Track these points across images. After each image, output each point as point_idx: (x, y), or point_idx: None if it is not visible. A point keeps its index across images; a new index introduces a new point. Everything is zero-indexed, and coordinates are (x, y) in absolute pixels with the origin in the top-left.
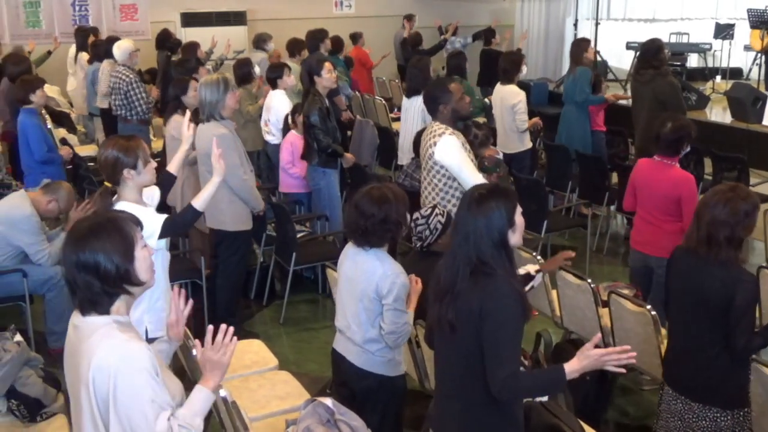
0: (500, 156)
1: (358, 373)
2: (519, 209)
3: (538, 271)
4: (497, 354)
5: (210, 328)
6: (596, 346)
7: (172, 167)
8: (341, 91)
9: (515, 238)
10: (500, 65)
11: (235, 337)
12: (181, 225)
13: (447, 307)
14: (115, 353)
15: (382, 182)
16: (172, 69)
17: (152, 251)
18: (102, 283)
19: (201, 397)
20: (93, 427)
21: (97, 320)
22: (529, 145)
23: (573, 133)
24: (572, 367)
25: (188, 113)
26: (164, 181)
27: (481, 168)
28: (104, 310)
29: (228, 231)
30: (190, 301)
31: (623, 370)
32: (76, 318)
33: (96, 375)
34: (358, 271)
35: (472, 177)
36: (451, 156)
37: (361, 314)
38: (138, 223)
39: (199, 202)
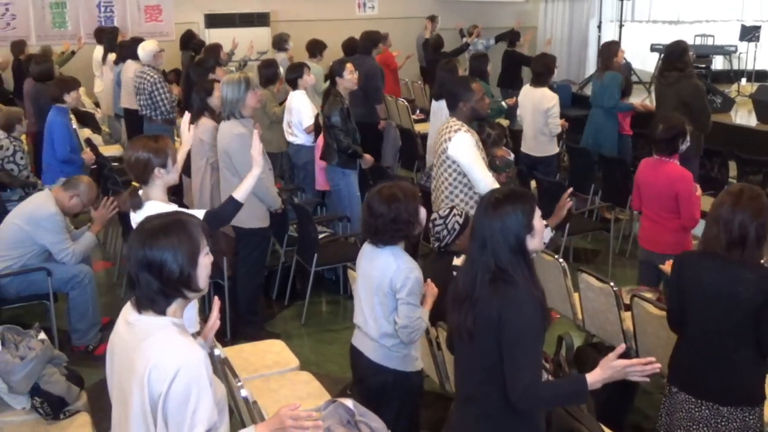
0: (511, 157)
1: (373, 368)
2: (538, 213)
3: (546, 226)
4: (517, 362)
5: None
6: (620, 357)
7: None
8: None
9: (534, 242)
10: (533, 68)
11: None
12: (222, 217)
13: (466, 314)
14: (176, 357)
15: (397, 181)
16: (191, 69)
17: (212, 260)
18: (162, 283)
19: None
20: (144, 424)
21: (155, 320)
22: (557, 149)
23: (601, 137)
24: (594, 378)
25: (187, 115)
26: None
27: (492, 167)
28: (161, 311)
29: (245, 228)
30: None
31: (647, 380)
32: (130, 315)
33: (153, 374)
34: (374, 267)
35: (482, 175)
36: (464, 152)
37: (377, 309)
38: (205, 230)
39: (239, 194)
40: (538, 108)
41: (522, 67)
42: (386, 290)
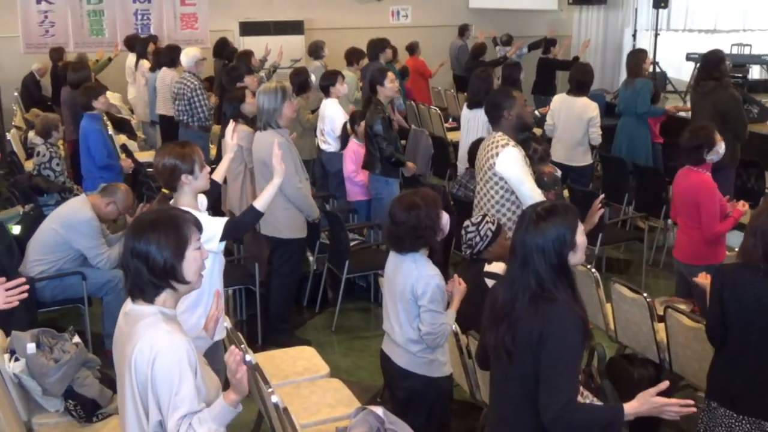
0: (558, 174)
1: (401, 373)
2: (581, 228)
3: None
4: (553, 382)
5: (231, 348)
6: (660, 394)
7: (217, 175)
8: (394, 102)
9: (576, 257)
10: (573, 77)
11: (243, 367)
12: (242, 226)
13: (504, 333)
14: (156, 342)
15: (419, 188)
16: (223, 77)
17: (206, 255)
18: (149, 273)
19: (219, 407)
20: (134, 407)
21: (144, 309)
22: (591, 159)
23: (635, 145)
24: (631, 410)
25: (232, 123)
26: (210, 188)
27: (540, 184)
28: (150, 299)
29: (283, 238)
30: (222, 306)
31: (677, 417)
32: (127, 305)
33: (138, 359)
34: (398, 274)
35: (531, 191)
36: (513, 168)
37: (402, 315)
38: (198, 226)
39: (260, 203)
40: (580, 118)
41: (556, 74)
42: (408, 297)
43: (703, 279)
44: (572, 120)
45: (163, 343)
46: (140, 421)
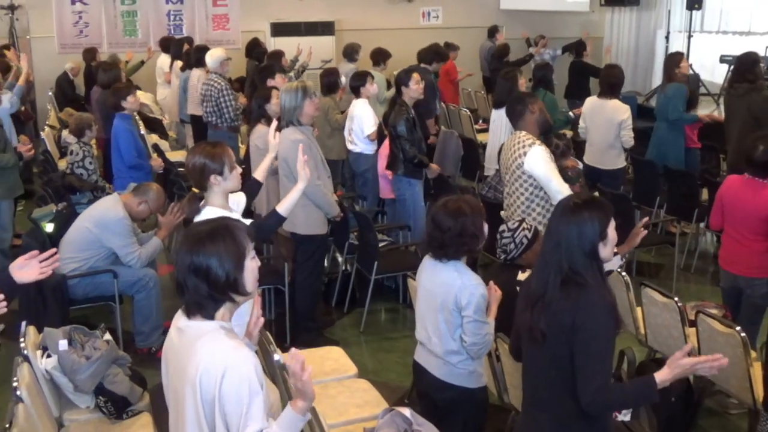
0: (580, 166)
1: (439, 385)
2: (613, 223)
3: (615, 254)
4: (588, 367)
5: (292, 351)
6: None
7: (258, 174)
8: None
9: (606, 251)
10: (603, 79)
11: (309, 367)
12: (266, 229)
13: (539, 315)
14: (223, 358)
15: (462, 194)
16: (255, 76)
17: (259, 263)
18: (210, 288)
19: (288, 417)
20: (197, 426)
21: (203, 325)
22: (624, 163)
23: (667, 150)
24: (663, 377)
25: (274, 122)
26: (251, 188)
27: (565, 178)
28: (209, 315)
29: (301, 234)
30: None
31: (715, 372)
32: (180, 321)
33: (203, 377)
34: (437, 283)
35: (560, 187)
36: (541, 166)
37: (442, 326)
38: (250, 235)
39: (283, 208)
40: (611, 120)
41: (590, 77)
42: (451, 307)
43: None
44: (603, 123)
45: (230, 359)
46: None
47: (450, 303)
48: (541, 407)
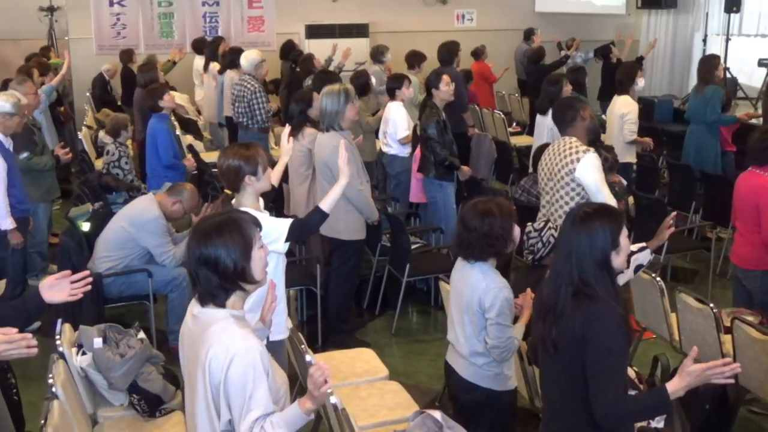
0: (625, 183)
1: (465, 386)
2: (625, 231)
3: (643, 248)
4: (600, 380)
5: (320, 364)
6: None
7: (273, 178)
8: None
9: (619, 260)
10: (616, 76)
11: (329, 381)
12: (308, 227)
13: (550, 326)
14: (231, 345)
15: (494, 196)
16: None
17: (268, 252)
18: (220, 278)
19: (293, 413)
20: (206, 410)
21: (215, 313)
22: (632, 159)
23: (703, 154)
24: (675, 386)
25: (287, 127)
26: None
27: (612, 194)
28: (220, 303)
29: (342, 240)
30: (275, 295)
31: (731, 381)
32: (195, 308)
33: (212, 362)
34: (464, 284)
35: (608, 200)
36: (593, 175)
37: (467, 327)
38: (258, 225)
39: (325, 205)
40: (616, 114)
41: None
42: (475, 309)
43: None
44: (613, 118)
45: (238, 347)
46: (212, 422)
47: (474, 304)
48: (556, 417)
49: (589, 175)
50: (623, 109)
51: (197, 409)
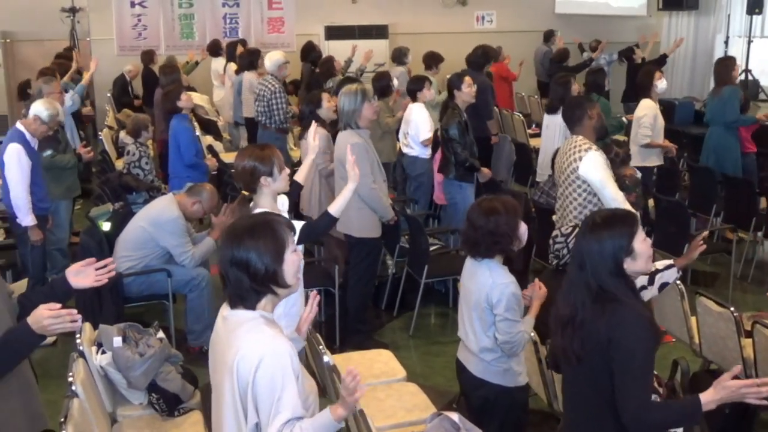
0: (638, 176)
1: (475, 382)
2: (640, 236)
3: (670, 266)
4: (628, 384)
5: (351, 370)
6: (735, 378)
7: (299, 176)
8: None
9: (637, 265)
10: (636, 80)
11: (364, 387)
12: (317, 230)
13: (570, 338)
14: (260, 346)
15: (499, 195)
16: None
17: (301, 256)
18: (251, 280)
19: (324, 420)
20: (233, 411)
21: (245, 314)
22: (655, 162)
23: (723, 156)
24: (708, 398)
25: (314, 124)
26: (291, 189)
27: (621, 187)
28: (251, 306)
29: (354, 237)
30: (315, 309)
31: (766, 402)
32: (225, 310)
33: (240, 364)
34: (473, 281)
35: (614, 194)
36: (596, 172)
37: (476, 323)
38: (291, 228)
39: (334, 209)
40: (635, 117)
41: None
42: (483, 305)
43: None
44: (633, 121)
45: (267, 347)
46: (240, 425)
47: (482, 301)
48: (581, 425)
49: (592, 172)
50: (639, 112)
51: (224, 413)
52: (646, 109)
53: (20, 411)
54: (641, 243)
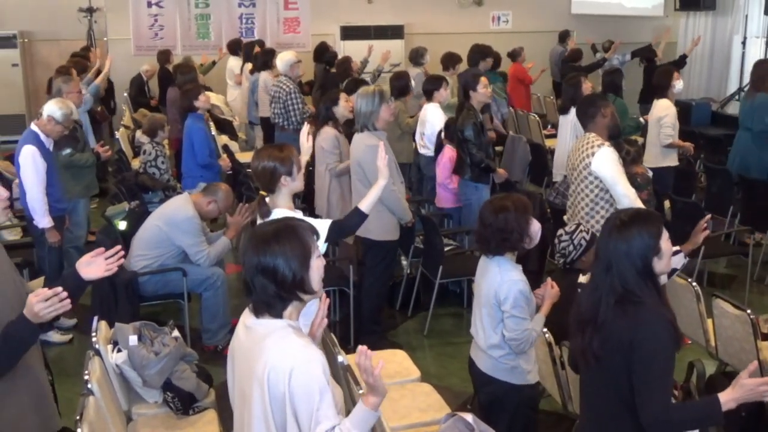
0: (650, 174)
1: (484, 379)
2: (665, 235)
3: (677, 252)
4: (649, 385)
5: (360, 348)
6: (752, 376)
7: None
8: (498, 108)
9: (662, 264)
10: (653, 80)
11: (381, 364)
12: (347, 228)
13: (590, 338)
14: (292, 356)
15: (510, 193)
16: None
17: (324, 262)
18: (278, 287)
19: (361, 413)
20: (264, 424)
21: (272, 323)
22: (673, 163)
23: (749, 160)
24: (727, 398)
25: (306, 126)
26: None
27: (633, 184)
28: (277, 314)
29: (374, 239)
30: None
31: None
32: (248, 319)
33: (271, 375)
34: (483, 278)
35: (626, 191)
36: (608, 168)
37: (485, 320)
38: (315, 233)
39: (365, 206)
40: (654, 118)
41: None
42: (492, 302)
43: None
44: (652, 122)
45: (299, 357)
46: None
47: (491, 297)
48: (599, 427)
49: (604, 167)
50: (660, 112)
51: (253, 425)
52: (667, 110)
53: (30, 411)
54: (666, 242)
